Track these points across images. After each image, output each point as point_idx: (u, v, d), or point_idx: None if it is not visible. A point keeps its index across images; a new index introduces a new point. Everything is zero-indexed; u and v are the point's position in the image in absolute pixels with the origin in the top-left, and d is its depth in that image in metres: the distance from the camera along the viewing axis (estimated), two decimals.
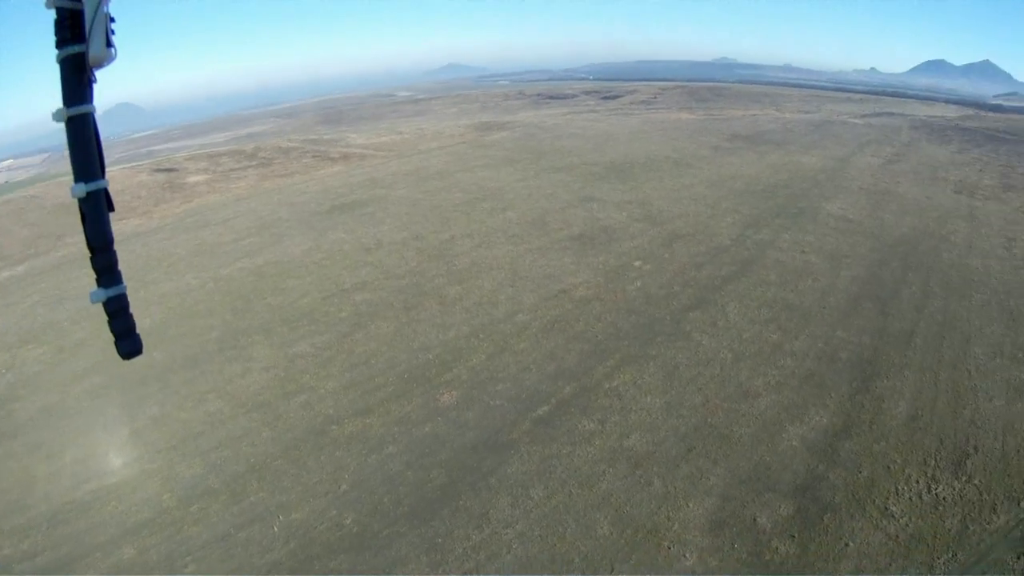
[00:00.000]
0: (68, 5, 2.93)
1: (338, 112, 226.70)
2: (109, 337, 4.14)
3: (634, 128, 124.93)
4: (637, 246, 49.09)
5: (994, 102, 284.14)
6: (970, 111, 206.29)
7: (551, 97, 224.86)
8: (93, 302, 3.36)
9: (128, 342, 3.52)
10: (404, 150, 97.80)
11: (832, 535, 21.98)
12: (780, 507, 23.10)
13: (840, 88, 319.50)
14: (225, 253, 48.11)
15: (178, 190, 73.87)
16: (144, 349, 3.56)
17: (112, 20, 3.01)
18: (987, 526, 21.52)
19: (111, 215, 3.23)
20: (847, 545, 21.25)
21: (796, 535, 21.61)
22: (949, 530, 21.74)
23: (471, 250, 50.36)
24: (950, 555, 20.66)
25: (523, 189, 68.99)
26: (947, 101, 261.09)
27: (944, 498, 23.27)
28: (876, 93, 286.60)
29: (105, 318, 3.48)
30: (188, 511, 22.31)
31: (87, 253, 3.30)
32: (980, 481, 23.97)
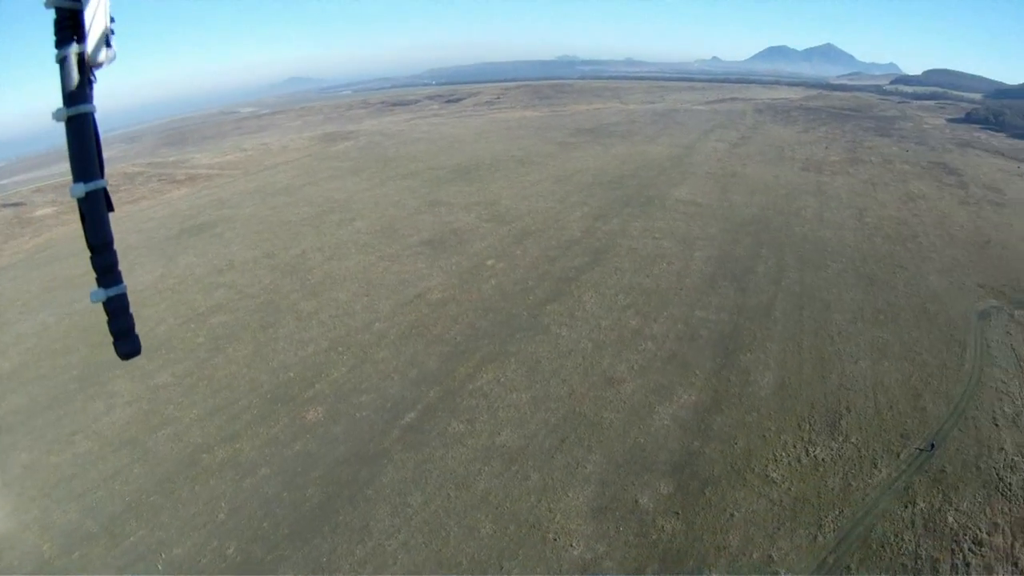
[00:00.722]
0: (68, 5, 6.66)
1: (182, 133, 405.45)
2: None
3: (479, 129, 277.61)
4: (488, 245, 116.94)
5: (837, 82, 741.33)
6: (814, 92, 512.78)
7: (395, 104, 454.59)
8: (93, 302, 7.41)
9: (127, 343, 7.70)
10: (250, 167, 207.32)
11: (716, 507, 54.87)
12: (660, 486, 57.50)
13: (683, 78, 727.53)
14: (79, 287, 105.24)
15: (27, 224, 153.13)
16: (136, 354, 8.07)
17: (112, 20, 7.11)
18: (870, 480, 57.25)
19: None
20: (732, 516, 53.79)
21: (680, 512, 54.54)
22: (832, 489, 56.47)
23: (323, 263, 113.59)
24: (837, 512, 53.93)
25: (371, 198, 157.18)
26: (790, 84, 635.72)
27: (823, 459, 59.68)
28: (719, 81, 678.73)
29: (105, 318, 7.59)
30: (70, 559, 53.27)
31: (87, 253, 7.35)
32: (857, 439, 62.20)
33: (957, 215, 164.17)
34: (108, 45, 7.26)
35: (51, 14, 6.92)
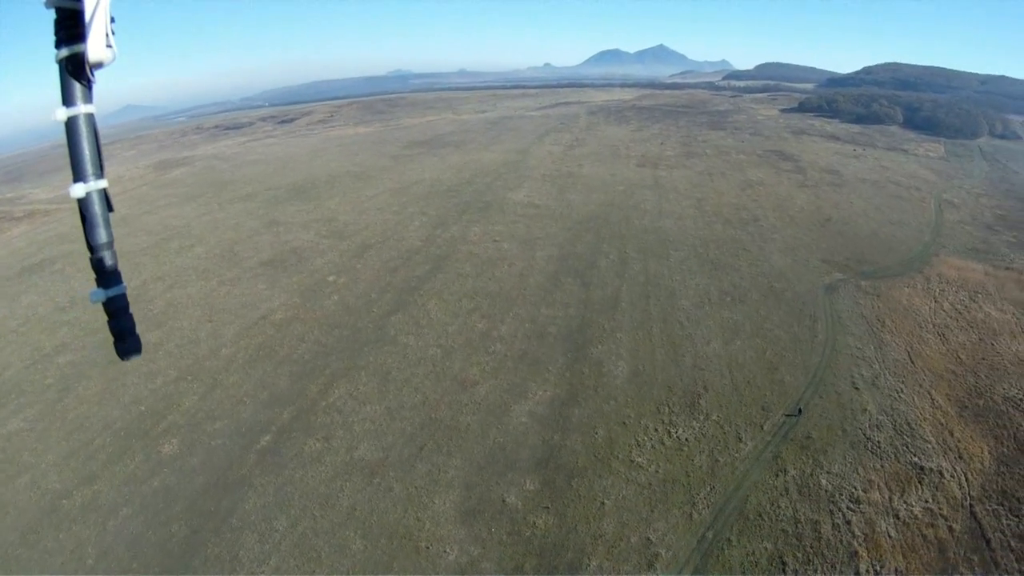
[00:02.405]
0: (68, 5, 6.96)
1: (18, 168, 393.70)
2: None
3: (313, 148, 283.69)
4: (329, 262, 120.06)
5: (670, 81, 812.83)
6: (647, 92, 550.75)
7: (229, 128, 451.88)
8: (93, 302, 7.94)
9: (127, 343, 8.17)
10: None
11: (586, 498, 58.43)
12: (526, 483, 60.63)
13: (516, 85, 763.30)
14: None
15: None
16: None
17: (112, 20, 7.28)
18: (736, 455, 62.41)
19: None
20: (603, 504, 57.37)
21: (550, 506, 57.70)
22: (700, 467, 61.17)
23: (164, 292, 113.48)
24: (708, 488, 58.50)
25: (209, 222, 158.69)
26: (623, 85, 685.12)
27: (686, 439, 64.62)
28: (552, 86, 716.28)
29: (105, 318, 8.21)
30: None
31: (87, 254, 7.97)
32: (718, 416, 67.72)
33: (796, 197, 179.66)
34: (108, 45, 7.58)
35: (51, 14, 7.26)
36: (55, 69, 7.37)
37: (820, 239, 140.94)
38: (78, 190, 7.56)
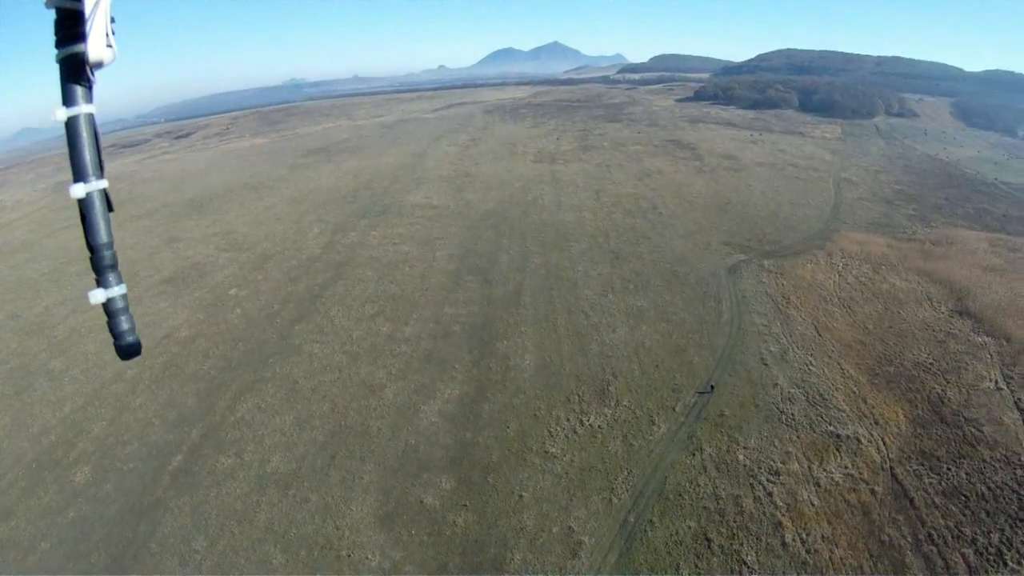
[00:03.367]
0: (68, 5, 7.05)
1: None
2: None
3: (210, 162, 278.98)
4: (230, 275, 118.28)
5: (565, 77, 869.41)
6: (542, 88, 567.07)
7: (124, 146, 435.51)
8: (93, 303, 7.75)
9: (127, 343, 8.07)
10: None
11: (503, 492, 59.18)
12: (442, 482, 61.26)
13: (411, 89, 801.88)
14: None
15: None
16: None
17: (112, 20, 7.45)
18: (651, 438, 64.32)
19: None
20: (521, 497, 58.22)
21: (468, 503, 58.34)
22: (615, 452, 62.67)
23: (67, 317, 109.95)
24: (626, 473, 60.04)
25: None
26: (519, 84, 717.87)
27: (599, 426, 66.23)
28: (447, 88, 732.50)
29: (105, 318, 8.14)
30: None
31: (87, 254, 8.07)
32: (629, 401, 69.55)
33: (695, 184, 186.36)
34: (108, 45, 7.64)
35: (51, 14, 7.31)
36: (55, 69, 7.48)
37: (720, 223, 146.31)
38: (78, 190, 7.66)
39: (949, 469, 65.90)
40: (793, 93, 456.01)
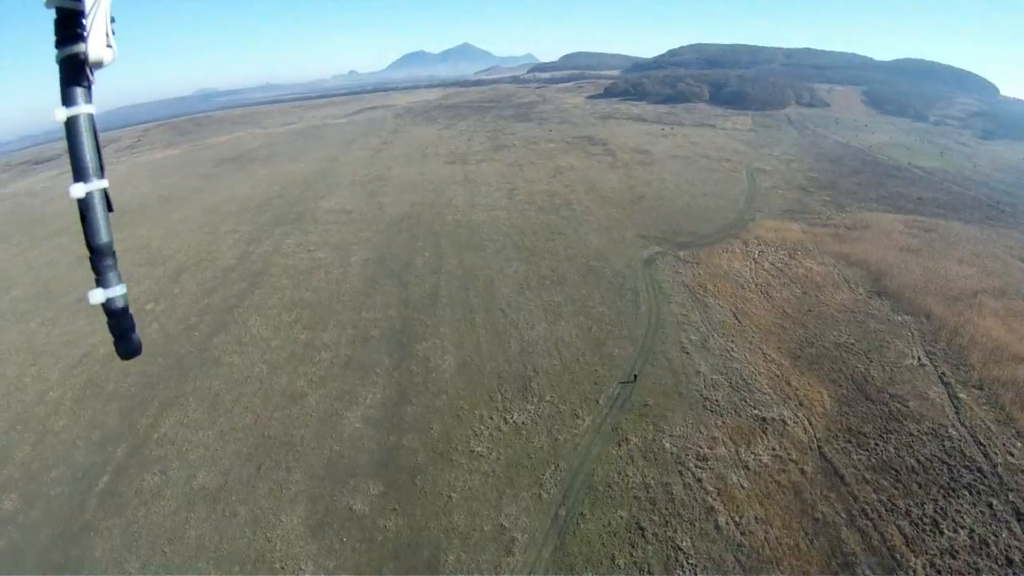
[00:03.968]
0: (68, 5, 7.09)
1: None
2: None
3: (122, 175, 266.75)
4: (145, 290, 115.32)
5: (475, 78, 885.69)
6: (452, 90, 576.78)
7: (38, 162, 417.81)
8: (92, 303, 7.98)
9: (127, 343, 8.29)
10: None
11: (432, 494, 59.25)
12: (370, 488, 60.87)
13: (321, 95, 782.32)
14: None
15: None
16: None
17: (113, 20, 7.56)
18: (576, 431, 65.22)
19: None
20: (451, 497, 58.38)
21: (398, 507, 58.21)
22: (541, 447, 63.27)
23: None
24: (553, 467, 60.70)
25: (23, 262, 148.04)
26: (429, 86, 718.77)
27: (523, 423, 66.98)
28: (358, 93, 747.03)
29: (105, 319, 8.34)
30: None
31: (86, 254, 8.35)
32: (552, 396, 70.30)
33: (607, 179, 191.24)
34: (108, 45, 7.71)
35: (51, 14, 7.33)
36: (55, 69, 7.50)
37: (634, 216, 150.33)
38: (78, 190, 7.71)
39: (877, 445, 67.96)
40: (704, 86, 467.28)
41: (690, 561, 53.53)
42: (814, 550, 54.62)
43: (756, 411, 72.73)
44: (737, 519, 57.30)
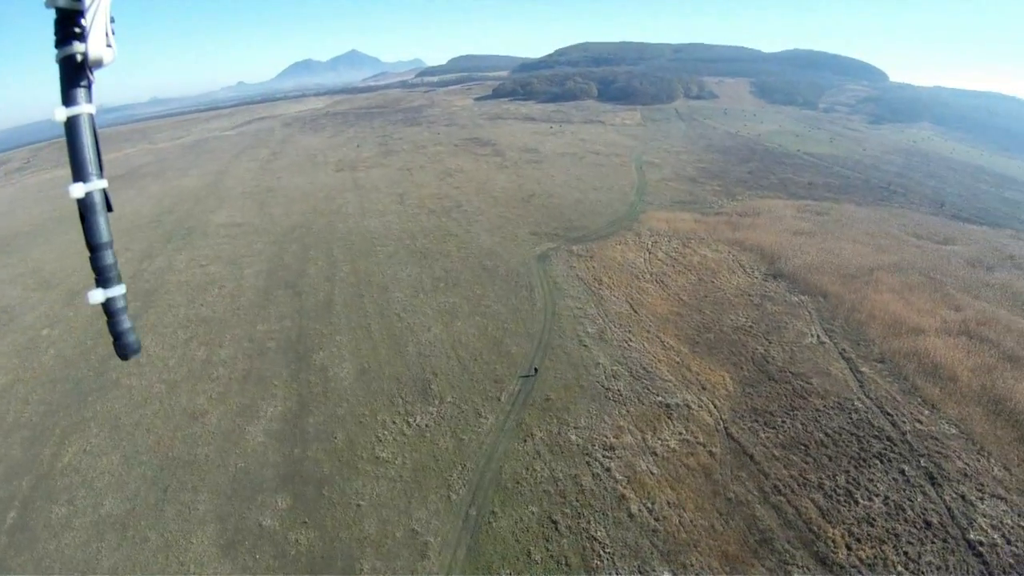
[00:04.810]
0: (68, 5, 7.19)
1: None
2: None
3: (12, 197, 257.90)
4: (40, 315, 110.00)
5: (364, 84, 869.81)
6: (340, 97, 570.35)
7: None
8: (92, 303, 8.16)
9: (126, 342, 8.46)
10: None
11: (340, 504, 58.20)
12: (278, 502, 59.45)
13: (210, 107, 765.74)
14: None
15: None
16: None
17: (112, 20, 7.63)
18: (480, 430, 65.33)
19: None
20: (359, 506, 57.51)
21: (308, 519, 57.01)
22: (447, 449, 63.18)
23: None
24: (460, 468, 60.47)
25: None
26: (317, 94, 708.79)
27: (426, 425, 66.88)
28: (246, 103, 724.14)
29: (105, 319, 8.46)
30: None
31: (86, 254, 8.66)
32: (453, 397, 70.47)
33: (497, 179, 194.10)
34: (108, 45, 7.74)
35: (51, 14, 7.34)
36: (55, 69, 7.50)
37: (525, 214, 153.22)
38: (78, 190, 7.77)
39: (784, 422, 70.09)
40: (592, 84, 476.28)
41: (607, 551, 53.94)
42: (730, 529, 55.72)
43: (659, 398, 74.00)
44: (650, 505, 58.21)
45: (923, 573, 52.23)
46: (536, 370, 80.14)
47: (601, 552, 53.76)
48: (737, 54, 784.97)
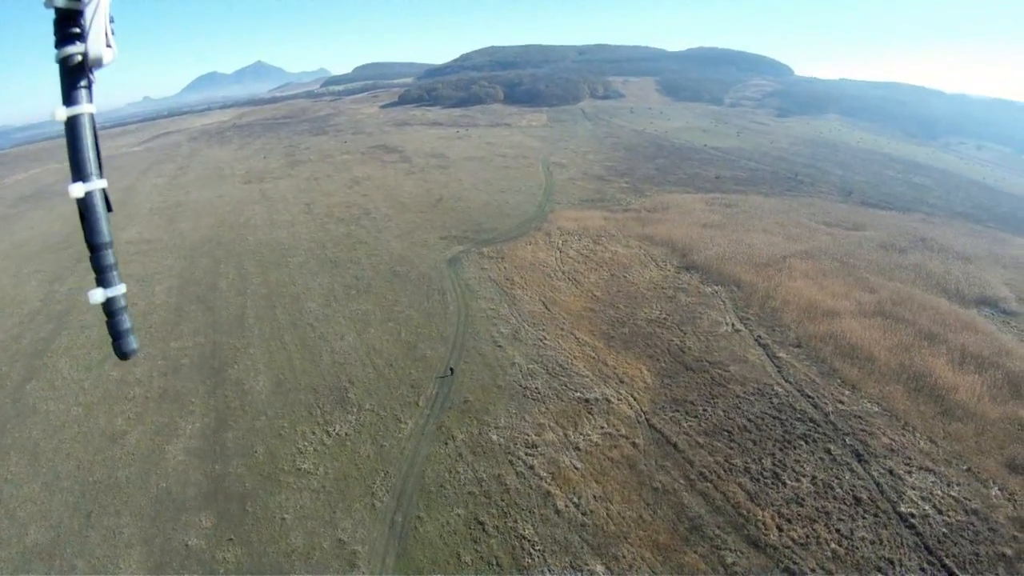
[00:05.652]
0: (68, 5, 6.96)
1: None
2: None
3: None
4: None
5: (269, 96, 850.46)
6: (246, 109, 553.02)
7: None
8: (92, 303, 7.71)
9: (126, 342, 8.06)
10: None
11: (265, 519, 56.63)
12: (202, 521, 57.69)
13: (116, 124, 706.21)
14: None
15: None
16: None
17: (112, 20, 7.40)
18: (400, 436, 64.54)
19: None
20: (284, 519, 56.01)
21: (233, 536, 55.20)
22: (368, 456, 62.16)
23: None
24: (383, 475, 59.50)
25: None
26: (223, 107, 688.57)
27: (346, 434, 65.69)
28: (152, 119, 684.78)
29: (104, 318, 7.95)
30: None
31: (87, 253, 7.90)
32: (371, 404, 69.42)
33: (405, 185, 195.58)
34: (108, 45, 7.49)
35: (51, 14, 7.15)
36: (55, 69, 7.39)
37: (435, 219, 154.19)
38: (78, 190, 7.59)
39: (705, 410, 71.19)
40: (498, 87, 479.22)
41: (537, 548, 54.07)
42: (658, 519, 56.15)
43: (578, 393, 74.52)
44: (576, 500, 58.48)
45: (857, 549, 52.97)
46: (452, 370, 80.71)
47: (531, 550, 53.81)
48: (642, 53, 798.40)
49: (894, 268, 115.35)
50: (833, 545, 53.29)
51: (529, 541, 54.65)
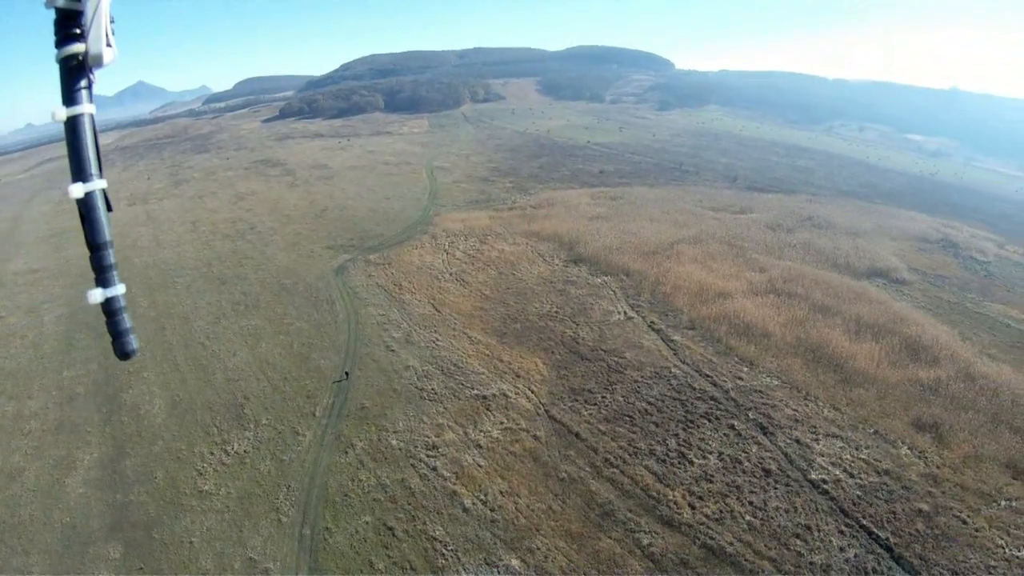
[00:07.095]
0: (68, 5, 6.78)
1: None
2: None
3: None
4: None
5: (152, 116, 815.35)
6: (128, 131, 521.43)
7: None
8: (91, 303, 7.38)
9: (125, 342, 7.77)
10: None
11: (172, 544, 54.27)
12: (110, 552, 54.44)
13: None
14: None
15: None
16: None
17: (112, 20, 7.12)
18: (299, 448, 63.43)
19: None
20: (192, 543, 53.60)
21: (143, 565, 52.60)
22: (269, 472, 60.08)
23: None
24: (286, 489, 57.54)
25: None
26: (105, 130, 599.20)
27: (245, 451, 63.42)
28: (35, 146, 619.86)
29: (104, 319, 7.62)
30: None
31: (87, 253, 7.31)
32: (268, 419, 67.26)
33: (289, 198, 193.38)
34: (108, 45, 7.27)
35: (51, 14, 7.01)
36: (55, 69, 7.21)
37: (320, 230, 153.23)
38: (78, 190, 7.22)
39: (604, 398, 71.77)
40: (378, 96, 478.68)
41: (449, 548, 53.87)
42: (569, 508, 56.44)
43: (475, 391, 74.57)
44: (483, 497, 58.45)
45: (772, 519, 54.05)
46: (347, 374, 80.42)
47: (443, 550, 53.53)
48: (523, 55, 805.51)
49: (783, 247, 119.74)
50: (748, 517, 54.19)
51: (440, 542, 54.31)
